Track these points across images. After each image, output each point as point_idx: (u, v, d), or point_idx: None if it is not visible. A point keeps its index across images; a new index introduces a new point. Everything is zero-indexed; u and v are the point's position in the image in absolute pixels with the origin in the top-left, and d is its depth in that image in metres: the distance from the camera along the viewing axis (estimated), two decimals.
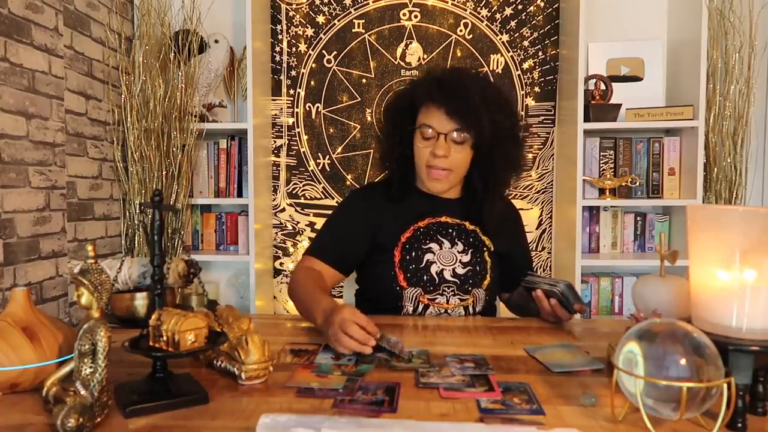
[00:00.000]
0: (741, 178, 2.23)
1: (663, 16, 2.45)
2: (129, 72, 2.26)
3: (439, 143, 1.36)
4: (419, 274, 1.39)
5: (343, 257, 1.45)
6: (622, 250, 2.44)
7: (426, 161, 1.39)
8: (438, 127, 1.36)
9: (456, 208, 1.48)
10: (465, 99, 1.32)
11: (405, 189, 1.47)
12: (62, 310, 1.93)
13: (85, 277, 0.78)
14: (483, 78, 1.43)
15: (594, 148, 2.37)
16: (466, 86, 1.34)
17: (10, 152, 1.68)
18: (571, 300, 1.23)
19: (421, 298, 1.39)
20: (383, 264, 1.41)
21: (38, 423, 0.76)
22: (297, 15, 2.50)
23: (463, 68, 1.53)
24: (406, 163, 1.45)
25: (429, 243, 1.42)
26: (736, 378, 0.71)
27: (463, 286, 1.40)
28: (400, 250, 1.41)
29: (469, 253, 1.43)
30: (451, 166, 1.38)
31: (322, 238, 1.49)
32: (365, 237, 1.45)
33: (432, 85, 1.37)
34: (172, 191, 2.29)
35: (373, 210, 1.47)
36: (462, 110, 1.32)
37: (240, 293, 2.58)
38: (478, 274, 1.42)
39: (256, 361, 0.89)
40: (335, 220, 1.51)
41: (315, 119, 2.52)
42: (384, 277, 1.41)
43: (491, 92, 1.38)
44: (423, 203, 1.47)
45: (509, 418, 0.76)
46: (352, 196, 1.57)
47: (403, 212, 1.45)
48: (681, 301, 0.94)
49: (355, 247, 1.46)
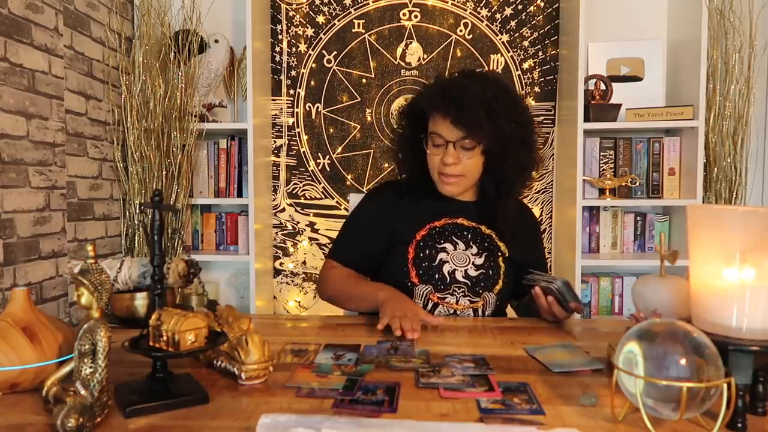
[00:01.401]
0: (741, 178, 2.24)
1: (663, 16, 2.45)
2: (129, 72, 2.27)
3: (448, 151, 1.37)
4: (431, 272, 1.39)
5: (363, 260, 1.48)
6: (622, 250, 2.44)
7: (438, 168, 1.40)
8: (446, 136, 1.36)
9: (472, 211, 1.48)
10: (469, 107, 1.32)
11: (423, 190, 1.48)
12: (62, 310, 1.93)
13: (85, 277, 0.78)
14: (489, 81, 1.40)
15: (594, 148, 2.37)
16: (470, 94, 1.33)
17: (10, 152, 1.68)
18: (567, 298, 1.23)
19: (431, 296, 1.39)
20: (396, 259, 1.42)
21: (38, 423, 0.76)
22: (297, 15, 2.50)
23: (469, 72, 1.49)
24: (421, 168, 1.46)
25: (443, 243, 1.42)
26: (736, 378, 0.71)
27: (474, 289, 1.40)
28: (414, 247, 1.42)
29: (482, 256, 1.43)
30: (463, 172, 1.39)
31: (343, 242, 1.52)
32: (383, 236, 1.47)
33: (437, 93, 1.38)
34: (172, 191, 2.29)
35: (390, 208, 1.48)
36: (466, 119, 1.32)
37: (240, 293, 2.58)
38: (490, 278, 1.41)
39: (256, 361, 0.89)
40: (356, 224, 1.53)
41: (315, 119, 2.52)
42: (396, 272, 1.41)
43: (495, 95, 1.35)
44: (440, 204, 1.47)
45: (509, 418, 0.76)
46: (369, 199, 1.57)
47: (420, 211, 1.46)
48: (681, 301, 0.94)
49: (374, 249, 1.47)
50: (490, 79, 1.44)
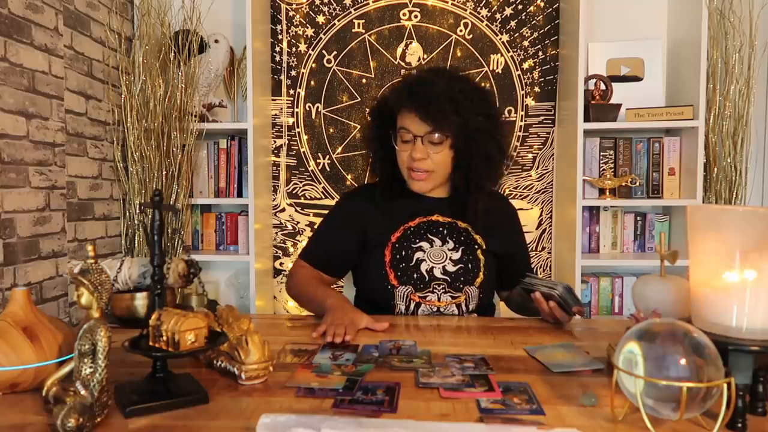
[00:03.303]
0: (741, 178, 2.23)
1: (663, 16, 2.45)
2: (129, 72, 2.27)
3: (416, 146, 1.38)
4: (409, 273, 1.41)
5: (332, 263, 1.51)
6: (622, 250, 2.44)
7: (407, 164, 1.42)
8: (414, 130, 1.38)
9: (446, 206, 1.49)
10: (434, 100, 1.34)
11: (394, 190, 1.49)
12: (62, 310, 1.93)
13: (85, 277, 0.78)
14: (455, 76, 1.43)
15: (594, 148, 2.37)
16: (435, 88, 1.35)
17: (10, 152, 1.68)
18: (569, 302, 1.23)
19: (412, 296, 1.40)
20: (374, 263, 1.43)
21: (38, 423, 0.76)
22: (297, 15, 2.50)
23: (436, 69, 1.54)
24: (392, 167, 1.48)
25: (419, 242, 1.43)
26: (736, 378, 0.71)
27: (454, 284, 1.41)
28: (390, 250, 1.43)
29: (459, 250, 1.43)
30: (432, 167, 1.40)
31: (313, 244, 1.55)
32: (355, 241, 1.49)
33: (404, 89, 1.41)
34: (172, 191, 2.29)
35: (363, 212, 1.50)
36: (433, 112, 1.34)
37: (240, 293, 2.58)
38: (470, 272, 1.42)
39: (256, 361, 0.89)
40: (326, 225, 1.55)
41: (315, 119, 2.52)
42: (375, 276, 1.43)
43: (461, 90, 1.38)
44: (414, 203, 1.48)
45: (509, 418, 0.76)
46: (342, 200, 1.61)
47: (393, 212, 1.47)
48: (681, 301, 0.94)
49: (344, 253, 1.51)
50: (457, 74, 1.47)
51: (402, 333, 1.22)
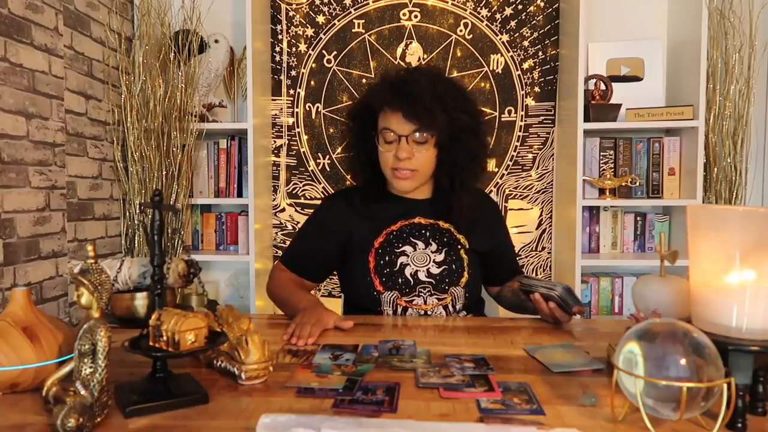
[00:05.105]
0: (741, 178, 2.23)
1: (663, 16, 2.45)
2: (129, 72, 2.27)
3: (401, 146, 1.37)
4: (394, 278, 1.40)
5: (311, 266, 1.51)
6: (622, 250, 2.44)
7: (391, 164, 1.40)
8: (398, 130, 1.36)
9: (428, 208, 1.48)
10: (420, 99, 1.33)
11: (376, 194, 1.48)
12: (62, 310, 1.94)
13: (85, 277, 0.78)
14: (437, 75, 1.43)
15: (594, 148, 2.37)
16: (420, 86, 1.35)
17: (10, 152, 1.68)
18: (569, 303, 1.23)
19: (398, 301, 1.40)
20: (359, 270, 1.43)
21: (38, 423, 0.76)
22: (297, 15, 2.50)
23: (417, 68, 1.54)
24: (373, 169, 1.46)
25: (402, 246, 1.43)
26: (736, 378, 0.71)
27: (440, 286, 1.40)
28: (374, 256, 1.42)
29: (443, 252, 1.43)
30: (417, 167, 1.39)
31: (293, 249, 1.55)
32: (335, 247, 1.48)
33: (386, 89, 1.39)
34: (172, 191, 2.29)
35: (344, 218, 1.49)
36: (418, 111, 1.33)
37: (240, 293, 2.58)
38: (454, 272, 1.42)
39: (256, 361, 0.89)
40: (306, 230, 1.55)
41: (315, 119, 2.52)
42: (360, 283, 1.42)
43: (446, 89, 1.38)
44: (395, 206, 1.47)
45: (509, 418, 0.76)
46: (323, 205, 1.60)
47: (375, 217, 1.46)
48: (681, 301, 0.94)
49: (323, 259, 1.51)
50: (437, 72, 1.46)
51: (402, 333, 1.22)
